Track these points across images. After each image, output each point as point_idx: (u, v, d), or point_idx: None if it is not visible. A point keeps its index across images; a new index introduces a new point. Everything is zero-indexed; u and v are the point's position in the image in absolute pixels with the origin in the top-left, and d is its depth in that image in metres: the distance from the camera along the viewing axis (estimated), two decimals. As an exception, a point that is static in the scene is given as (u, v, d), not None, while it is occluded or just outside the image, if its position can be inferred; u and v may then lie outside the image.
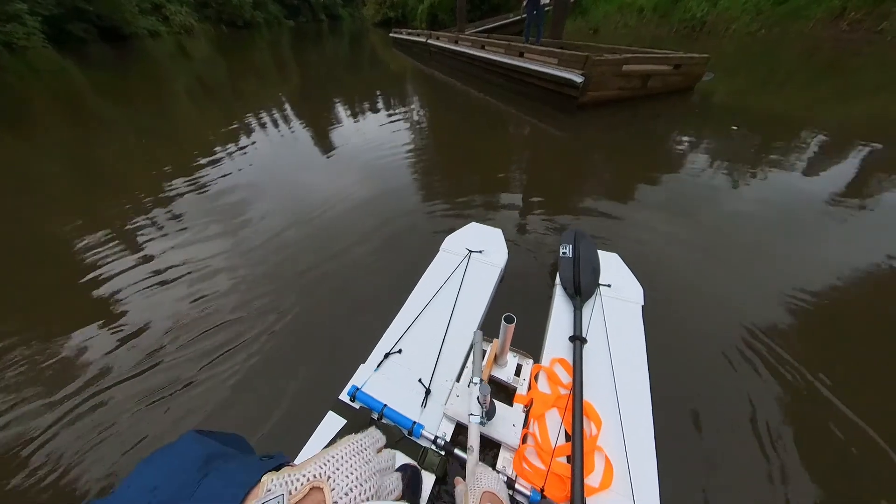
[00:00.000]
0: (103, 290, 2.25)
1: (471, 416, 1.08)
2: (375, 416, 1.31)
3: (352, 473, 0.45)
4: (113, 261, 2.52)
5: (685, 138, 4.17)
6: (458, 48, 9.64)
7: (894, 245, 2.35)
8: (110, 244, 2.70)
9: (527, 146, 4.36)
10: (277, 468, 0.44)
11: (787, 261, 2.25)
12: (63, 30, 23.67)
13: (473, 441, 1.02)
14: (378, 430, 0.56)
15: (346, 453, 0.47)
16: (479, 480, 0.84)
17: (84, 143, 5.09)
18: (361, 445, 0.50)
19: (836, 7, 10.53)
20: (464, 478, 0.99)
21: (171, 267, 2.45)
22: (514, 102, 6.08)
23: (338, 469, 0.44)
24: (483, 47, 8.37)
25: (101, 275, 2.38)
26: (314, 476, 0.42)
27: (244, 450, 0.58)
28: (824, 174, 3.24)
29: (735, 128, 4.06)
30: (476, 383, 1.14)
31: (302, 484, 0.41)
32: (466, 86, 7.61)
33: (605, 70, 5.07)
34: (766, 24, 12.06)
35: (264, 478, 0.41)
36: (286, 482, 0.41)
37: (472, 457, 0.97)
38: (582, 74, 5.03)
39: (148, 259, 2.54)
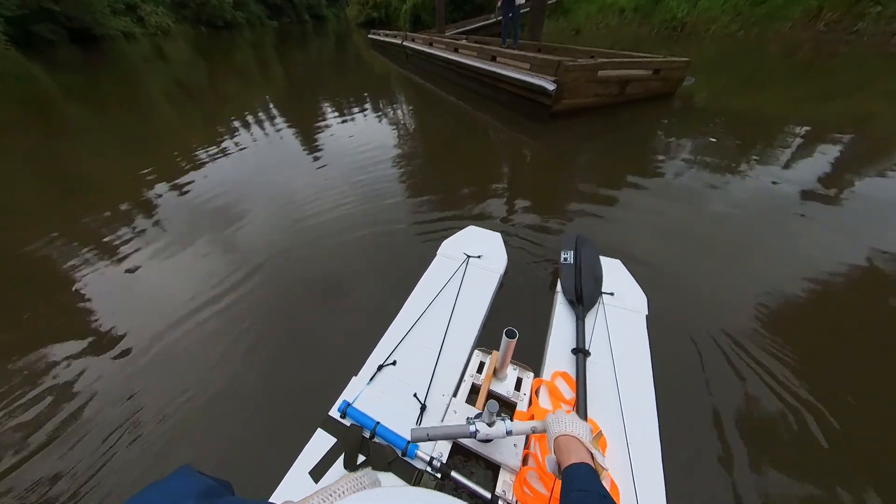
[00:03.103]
0: (81, 302, 2.15)
1: (508, 433, 1.03)
2: (367, 434, 1.23)
3: None
4: (91, 271, 2.40)
5: (666, 146, 4.08)
6: (432, 51, 9.34)
7: (877, 236, 2.40)
8: (88, 254, 2.57)
9: (501, 158, 4.20)
10: None
11: (779, 258, 2.26)
12: (29, 31, 22.65)
13: (524, 430, 1.03)
14: (376, 474, 0.61)
15: (347, 488, 0.50)
16: (560, 423, 0.87)
17: (53, 150, 4.85)
18: (361, 483, 0.53)
19: (812, 8, 10.78)
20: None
21: (153, 276, 2.35)
22: (489, 109, 5.86)
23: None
24: (456, 50, 8.08)
25: (79, 286, 2.27)
26: None
27: (232, 494, 0.59)
28: (807, 173, 3.28)
29: (713, 140, 4.07)
30: (474, 422, 1.04)
31: None
32: (442, 90, 7.41)
33: (579, 76, 4.74)
34: (746, 25, 12.31)
35: None
36: None
37: (541, 423, 0.99)
38: (554, 81, 4.69)
39: (127, 268, 2.44)
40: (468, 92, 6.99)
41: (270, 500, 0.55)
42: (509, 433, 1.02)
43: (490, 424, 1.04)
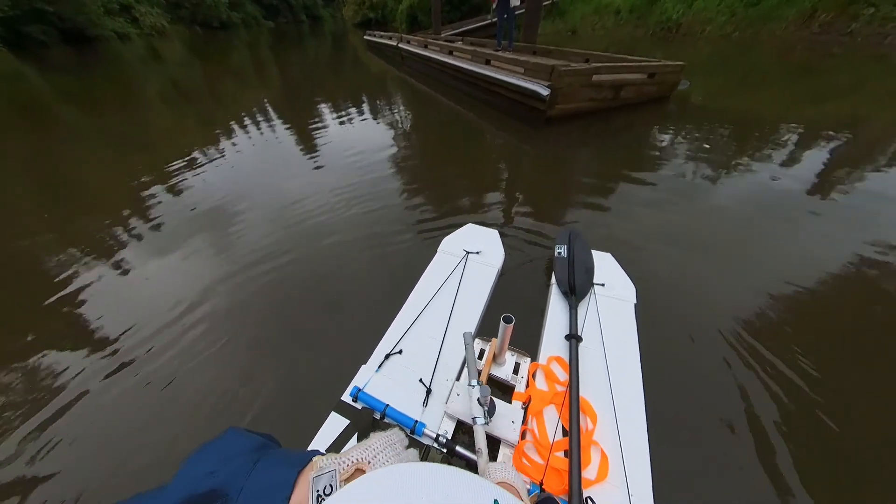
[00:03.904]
0: (80, 308, 2.18)
1: (475, 419, 1.09)
2: (378, 416, 1.33)
3: (388, 461, 0.53)
4: (88, 277, 2.44)
5: (661, 150, 4.08)
6: (427, 53, 9.16)
7: (868, 235, 2.49)
8: (84, 260, 2.60)
9: (497, 162, 4.14)
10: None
11: (769, 255, 2.35)
12: (20, 32, 22.44)
13: (481, 443, 1.03)
14: (402, 432, 0.63)
15: (381, 445, 0.55)
16: (490, 475, 0.85)
17: (45, 152, 4.86)
18: (391, 440, 0.58)
19: (806, 9, 10.86)
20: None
21: (158, 278, 2.41)
22: (485, 113, 5.80)
23: (376, 456, 0.53)
24: (451, 53, 7.93)
25: (77, 292, 2.30)
26: (357, 460, 0.51)
27: (279, 447, 0.64)
28: (799, 173, 3.37)
29: (708, 143, 4.13)
30: (474, 385, 1.15)
31: (348, 465, 0.49)
32: (438, 93, 7.36)
33: (573, 81, 4.68)
34: (740, 26, 12.42)
35: (315, 458, 0.48)
36: (336, 462, 0.48)
37: (481, 459, 0.99)
38: (548, 86, 4.61)
39: (128, 272, 2.48)
40: (463, 95, 6.95)
41: (313, 449, 0.62)
42: (474, 420, 1.10)
43: (481, 403, 1.13)
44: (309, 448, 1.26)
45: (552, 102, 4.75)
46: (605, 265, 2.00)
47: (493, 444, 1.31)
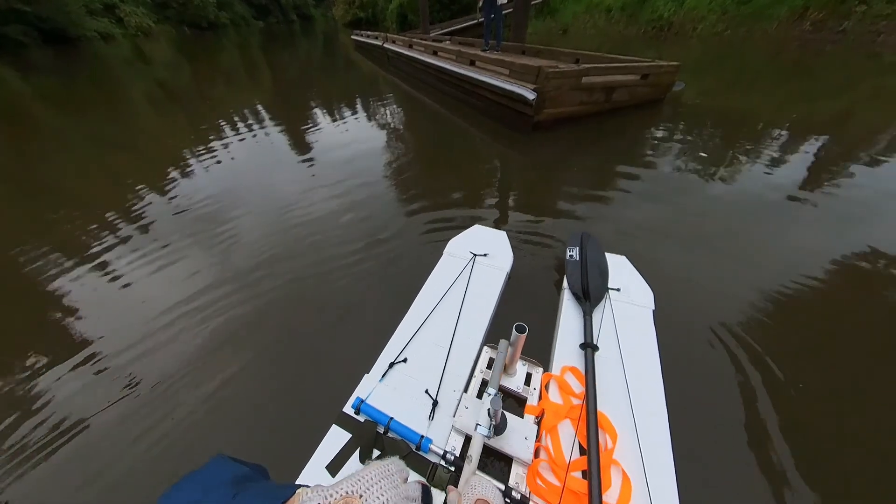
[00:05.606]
0: (71, 317, 2.07)
1: (477, 427, 1.06)
2: (381, 429, 1.25)
3: (382, 495, 0.47)
4: (79, 284, 2.33)
5: (658, 154, 3.92)
6: (411, 53, 8.87)
7: (869, 231, 2.45)
8: (74, 266, 2.49)
9: (490, 169, 3.87)
10: None
11: (779, 252, 2.29)
12: (-2, 33, 21.90)
13: (474, 451, 1.03)
14: (403, 462, 0.58)
15: (375, 476, 0.50)
16: (473, 488, 0.83)
17: (28, 156, 4.68)
18: (389, 471, 0.52)
19: (798, 7, 10.85)
20: (457, 486, 1.00)
21: (147, 285, 2.30)
22: (471, 118, 5.48)
23: (369, 489, 0.47)
24: (436, 53, 7.62)
25: (68, 300, 2.20)
26: (347, 493, 0.45)
27: (267, 478, 0.61)
28: (797, 174, 3.32)
29: (704, 154, 3.95)
30: (490, 394, 1.10)
31: (336, 498, 0.44)
32: (423, 95, 7.09)
33: (561, 83, 4.29)
34: (732, 25, 12.44)
35: (299, 490, 0.44)
36: (321, 495, 0.43)
37: (468, 466, 0.97)
38: (534, 89, 4.22)
39: (114, 279, 2.37)
40: (449, 98, 6.68)
41: (299, 483, 0.56)
42: (478, 426, 1.14)
43: (490, 415, 1.10)
44: (308, 464, 1.18)
45: (539, 106, 4.38)
46: (620, 269, 1.90)
47: (505, 461, 1.22)
